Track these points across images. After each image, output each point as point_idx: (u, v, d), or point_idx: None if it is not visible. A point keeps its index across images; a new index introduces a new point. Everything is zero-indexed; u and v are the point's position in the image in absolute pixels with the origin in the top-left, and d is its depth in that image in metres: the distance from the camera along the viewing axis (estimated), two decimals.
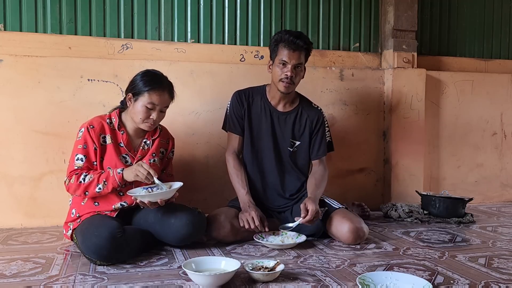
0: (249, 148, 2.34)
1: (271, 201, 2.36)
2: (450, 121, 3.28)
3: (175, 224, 1.96)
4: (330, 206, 2.22)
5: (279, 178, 2.36)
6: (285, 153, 2.35)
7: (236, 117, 2.34)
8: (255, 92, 2.38)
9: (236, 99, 2.35)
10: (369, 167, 3.07)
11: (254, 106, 2.35)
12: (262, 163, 2.35)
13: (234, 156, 2.34)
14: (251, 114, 2.34)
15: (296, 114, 2.36)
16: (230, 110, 2.36)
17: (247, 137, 2.34)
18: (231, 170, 2.32)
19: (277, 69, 2.23)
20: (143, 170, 1.88)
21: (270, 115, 2.34)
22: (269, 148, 2.34)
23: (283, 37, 2.22)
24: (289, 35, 2.21)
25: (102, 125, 2.03)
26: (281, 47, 2.21)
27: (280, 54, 2.21)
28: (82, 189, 1.93)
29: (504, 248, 2.11)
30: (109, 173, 1.93)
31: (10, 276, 1.66)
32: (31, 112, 2.45)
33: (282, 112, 2.35)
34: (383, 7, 3.16)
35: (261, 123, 2.34)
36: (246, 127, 2.33)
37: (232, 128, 2.36)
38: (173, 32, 2.78)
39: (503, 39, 3.55)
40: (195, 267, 1.63)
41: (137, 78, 2.04)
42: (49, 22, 2.56)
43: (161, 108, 2.02)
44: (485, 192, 3.39)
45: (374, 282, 1.54)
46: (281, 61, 2.21)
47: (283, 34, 2.24)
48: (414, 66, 3.12)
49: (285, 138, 2.35)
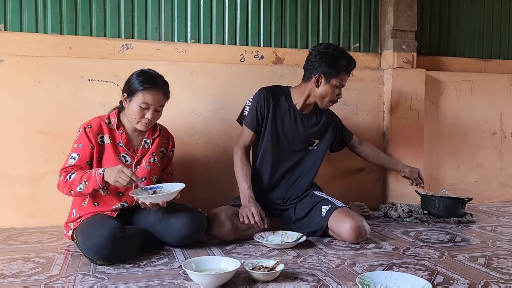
0: (269, 145, 2.35)
1: (279, 199, 2.38)
2: (450, 121, 3.28)
3: (175, 224, 1.96)
4: (333, 205, 2.23)
5: (291, 176, 2.39)
6: (304, 152, 2.40)
7: (258, 113, 2.34)
8: (280, 92, 2.40)
9: (264, 96, 2.34)
10: (369, 167, 3.07)
11: (280, 105, 2.36)
12: (279, 161, 2.37)
13: (243, 150, 2.35)
14: (277, 114, 2.35)
15: (316, 115, 2.42)
16: (254, 105, 2.35)
17: (268, 135, 2.34)
18: (237, 163, 2.32)
19: (331, 90, 2.28)
20: (124, 176, 1.81)
21: (294, 116, 2.37)
22: (289, 147, 2.37)
23: (350, 60, 2.27)
24: (353, 59, 2.29)
25: (100, 125, 2.03)
26: (343, 70, 2.26)
27: (341, 78, 2.27)
28: (67, 187, 1.92)
29: (503, 248, 2.11)
30: (91, 173, 1.89)
31: (10, 276, 1.67)
32: (31, 112, 2.45)
33: (305, 114, 2.39)
34: (382, 7, 3.16)
35: (285, 123, 2.36)
36: (269, 125, 2.34)
37: (249, 123, 2.35)
38: (173, 32, 2.78)
39: (503, 39, 3.55)
40: (195, 267, 1.63)
41: (132, 78, 2.03)
42: (50, 22, 2.57)
43: (156, 107, 2.02)
44: (485, 192, 3.39)
45: (373, 282, 1.54)
46: (340, 84, 2.28)
47: (349, 56, 2.28)
48: (413, 66, 3.12)
49: (306, 137, 2.39)
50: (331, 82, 2.26)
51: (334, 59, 2.24)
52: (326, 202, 2.28)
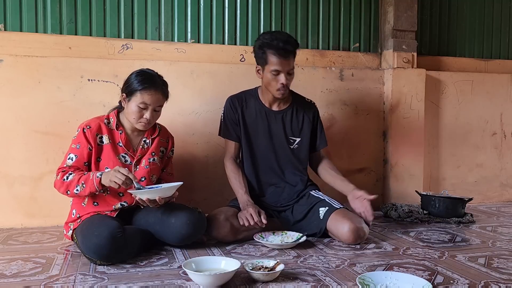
0: (248, 151, 2.34)
1: (272, 201, 2.36)
2: (450, 121, 3.28)
3: (175, 224, 1.96)
4: (331, 206, 2.22)
5: (279, 178, 2.37)
6: (285, 151, 2.36)
7: (231, 123, 2.34)
8: (247, 96, 2.37)
9: (230, 105, 2.34)
10: (369, 167, 3.07)
11: (248, 109, 2.35)
12: (262, 164, 2.36)
13: (232, 161, 2.36)
14: (246, 118, 2.34)
15: (292, 111, 2.37)
16: (225, 117, 2.36)
17: (244, 141, 2.34)
18: (230, 174, 2.33)
19: (270, 78, 2.20)
20: (120, 175, 1.80)
21: (266, 116, 2.34)
22: (268, 148, 2.34)
23: (271, 44, 2.14)
24: (277, 41, 2.13)
25: (99, 126, 2.03)
26: (271, 55, 2.15)
27: (271, 64, 2.16)
28: (64, 187, 1.92)
29: (503, 248, 2.11)
30: (89, 176, 1.89)
31: (10, 276, 1.67)
32: (31, 112, 2.45)
33: (278, 111, 2.36)
34: (383, 7, 3.16)
35: (258, 126, 2.34)
36: (242, 131, 2.33)
37: (228, 134, 2.36)
38: (173, 32, 2.78)
39: (503, 39, 3.55)
40: (195, 267, 1.63)
41: (130, 78, 2.03)
42: (49, 22, 2.56)
43: (155, 107, 2.02)
44: (485, 192, 3.39)
45: (374, 282, 1.54)
46: (274, 70, 2.17)
47: (270, 40, 2.15)
48: (414, 66, 3.12)
49: (284, 136, 2.35)
50: (266, 69, 2.19)
51: (259, 48, 2.17)
52: (324, 203, 2.26)
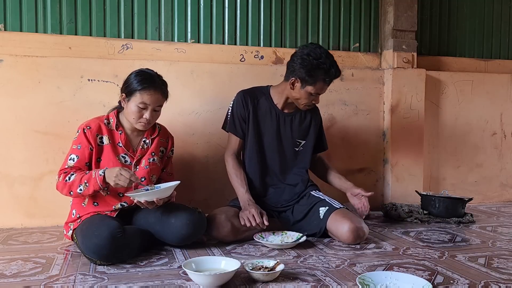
0: (254, 150, 2.33)
1: (273, 201, 2.36)
2: (450, 121, 3.28)
3: (175, 224, 1.96)
4: (331, 206, 2.22)
5: (281, 178, 2.37)
6: (290, 153, 2.37)
7: (239, 118, 2.32)
8: (259, 93, 2.36)
9: (241, 100, 2.31)
10: (369, 167, 3.07)
11: (260, 107, 2.33)
12: (266, 164, 2.35)
13: (233, 157, 2.34)
14: (257, 116, 2.33)
15: (301, 114, 2.38)
16: (233, 111, 2.33)
17: (252, 139, 2.32)
18: (230, 170, 2.32)
19: (305, 96, 2.21)
20: (123, 178, 1.81)
21: (276, 117, 2.34)
22: (274, 149, 2.34)
23: (329, 72, 2.14)
24: (334, 71, 2.16)
25: (99, 126, 2.03)
26: (321, 81, 2.16)
27: (317, 87, 2.17)
28: (67, 188, 1.92)
29: (503, 248, 2.11)
30: (91, 174, 1.89)
31: (10, 276, 1.67)
32: (31, 112, 2.45)
33: (288, 114, 2.36)
34: (383, 7, 3.16)
35: (267, 124, 2.34)
36: (251, 128, 2.32)
37: (233, 129, 2.34)
38: (173, 32, 2.78)
39: (503, 39, 3.55)
40: (195, 267, 1.63)
41: (130, 78, 2.03)
42: (49, 22, 2.56)
43: (154, 107, 2.01)
44: (485, 192, 3.39)
45: (374, 282, 1.54)
46: (315, 93, 2.20)
47: (329, 68, 2.14)
48: (414, 66, 3.12)
49: (291, 138, 2.36)
50: (306, 88, 2.19)
51: (312, 68, 2.13)
52: (324, 203, 2.27)
